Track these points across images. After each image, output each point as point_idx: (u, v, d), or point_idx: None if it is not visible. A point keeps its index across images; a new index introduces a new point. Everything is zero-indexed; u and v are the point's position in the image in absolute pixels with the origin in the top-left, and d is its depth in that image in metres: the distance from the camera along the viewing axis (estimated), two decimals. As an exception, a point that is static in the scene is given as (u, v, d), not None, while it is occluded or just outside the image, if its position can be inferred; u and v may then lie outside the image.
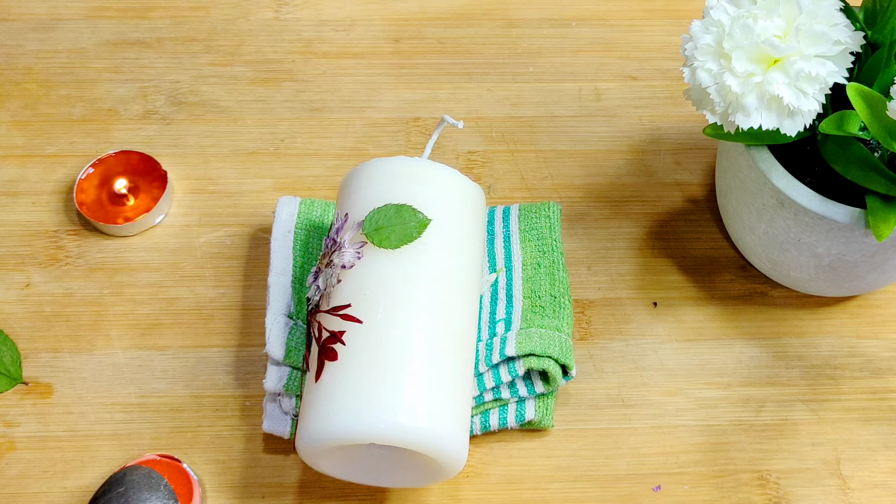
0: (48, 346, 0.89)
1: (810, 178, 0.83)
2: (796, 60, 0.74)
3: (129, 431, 0.86)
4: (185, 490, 0.81)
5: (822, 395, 0.89)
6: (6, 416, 0.86)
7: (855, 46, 0.76)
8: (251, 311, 0.91)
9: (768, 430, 0.87)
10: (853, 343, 0.91)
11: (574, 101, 1.02)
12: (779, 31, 0.75)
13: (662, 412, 0.88)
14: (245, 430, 0.86)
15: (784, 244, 0.85)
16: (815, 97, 0.75)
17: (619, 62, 1.05)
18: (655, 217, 0.96)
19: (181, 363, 0.88)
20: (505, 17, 1.07)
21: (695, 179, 0.98)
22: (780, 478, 0.85)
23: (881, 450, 0.87)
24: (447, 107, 1.02)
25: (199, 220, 0.95)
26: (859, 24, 0.78)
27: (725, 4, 0.77)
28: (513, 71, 1.04)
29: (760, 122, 0.75)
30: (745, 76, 0.75)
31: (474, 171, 0.98)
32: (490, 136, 1.00)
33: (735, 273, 0.94)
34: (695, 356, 0.90)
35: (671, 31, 1.06)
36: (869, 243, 0.81)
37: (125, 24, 1.05)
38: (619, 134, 1.01)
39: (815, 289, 0.90)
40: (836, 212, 0.80)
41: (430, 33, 1.06)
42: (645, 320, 0.92)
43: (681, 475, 0.85)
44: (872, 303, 0.93)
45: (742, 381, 0.89)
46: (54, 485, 0.83)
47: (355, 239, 0.80)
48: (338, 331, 0.77)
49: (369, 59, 1.04)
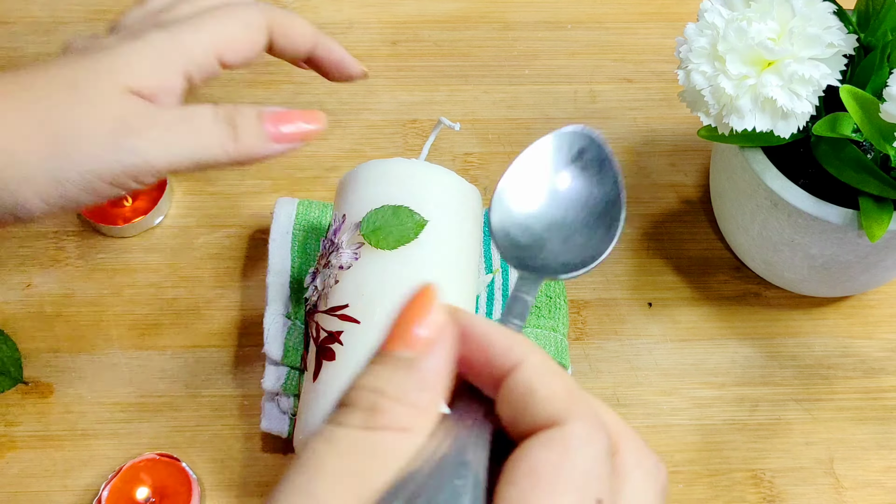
0: (48, 346, 0.89)
1: (804, 179, 0.83)
2: (790, 63, 0.75)
3: (129, 430, 0.86)
4: (183, 489, 0.82)
5: (816, 395, 0.89)
6: (7, 416, 0.86)
7: (848, 49, 0.76)
8: (249, 312, 0.91)
9: (762, 430, 0.88)
10: (846, 343, 0.91)
11: (570, 104, 1.03)
12: (772, 34, 0.75)
13: (657, 411, 0.88)
14: (243, 429, 0.86)
15: (778, 245, 0.85)
16: (809, 99, 0.76)
17: (614, 65, 1.05)
18: (650, 218, 0.97)
19: (180, 363, 0.89)
20: (501, 20, 1.08)
21: (689, 181, 0.99)
22: (774, 477, 0.86)
23: (874, 449, 0.87)
24: (444, 109, 1.02)
25: (198, 221, 0.95)
26: (852, 26, 0.79)
27: (720, 7, 0.77)
28: (509, 73, 1.05)
29: (754, 123, 0.76)
30: (740, 78, 0.75)
31: (471, 172, 0.98)
32: (486, 137, 1.01)
33: (729, 273, 0.94)
34: (689, 356, 0.91)
35: (666, 33, 1.07)
36: (862, 244, 0.82)
37: (125, 27, 1.05)
38: (614, 136, 1.01)
39: (808, 289, 0.90)
40: (829, 213, 0.80)
41: (426, 36, 1.06)
42: (640, 320, 0.92)
43: (675, 474, 0.86)
44: (865, 303, 0.93)
45: (736, 381, 0.90)
46: (55, 483, 0.84)
47: (353, 240, 0.80)
48: (335, 331, 0.78)
49: (367, 61, 1.04)
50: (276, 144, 0.71)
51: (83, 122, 0.66)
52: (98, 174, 0.66)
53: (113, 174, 0.66)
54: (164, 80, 0.69)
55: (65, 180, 0.66)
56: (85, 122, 0.66)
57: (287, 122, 0.71)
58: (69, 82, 0.67)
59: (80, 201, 0.67)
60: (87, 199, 0.67)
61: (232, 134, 0.69)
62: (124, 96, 0.67)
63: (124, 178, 0.67)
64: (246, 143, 0.69)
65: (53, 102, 0.66)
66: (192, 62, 0.70)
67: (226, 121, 0.69)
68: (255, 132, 0.70)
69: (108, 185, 0.67)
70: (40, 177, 0.65)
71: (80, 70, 0.67)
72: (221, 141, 0.69)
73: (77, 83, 0.67)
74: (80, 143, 0.66)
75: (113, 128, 0.66)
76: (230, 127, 0.69)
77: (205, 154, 0.68)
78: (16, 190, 0.65)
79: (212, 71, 0.72)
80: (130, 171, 0.67)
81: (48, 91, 0.66)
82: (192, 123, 0.68)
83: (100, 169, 0.66)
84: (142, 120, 0.67)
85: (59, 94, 0.66)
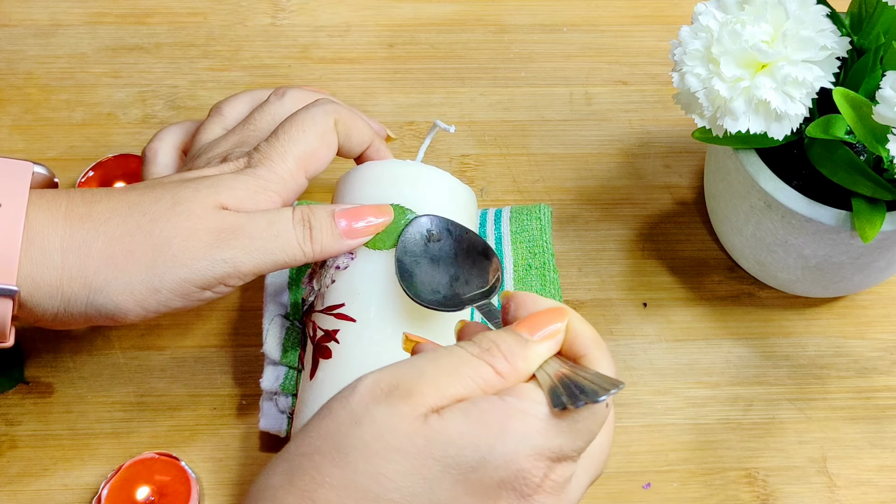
0: (49, 346, 0.89)
1: (797, 180, 0.84)
2: (783, 65, 0.75)
3: (129, 430, 0.86)
4: (182, 487, 0.82)
5: (809, 395, 0.90)
6: (8, 415, 0.86)
7: (841, 51, 0.77)
8: (248, 312, 0.92)
9: (756, 429, 0.88)
10: (839, 343, 0.92)
11: (565, 106, 1.03)
12: (766, 37, 0.75)
13: (652, 411, 0.89)
14: (242, 428, 0.87)
15: (771, 246, 0.86)
16: (802, 101, 0.76)
17: (609, 67, 1.06)
18: (645, 219, 0.97)
19: (179, 363, 0.89)
20: (497, 22, 1.08)
21: (684, 182, 0.99)
22: (768, 475, 0.86)
23: (867, 448, 0.88)
24: (441, 111, 1.02)
25: (197, 222, 0.96)
26: (845, 29, 0.79)
27: (714, 10, 0.77)
28: (505, 76, 1.05)
29: (748, 125, 0.76)
30: (734, 81, 0.76)
31: (467, 174, 0.99)
32: (483, 139, 1.01)
33: (723, 274, 0.95)
34: (684, 356, 0.91)
35: (661, 36, 1.07)
36: (855, 245, 0.82)
37: (124, 30, 1.05)
38: (609, 138, 1.01)
39: (802, 290, 0.91)
40: (822, 214, 0.81)
41: (423, 39, 1.07)
42: (635, 321, 0.92)
43: (670, 473, 0.86)
44: (858, 303, 0.94)
45: (730, 381, 0.90)
46: (55, 482, 0.84)
47: (349, 241, 0.81)
48: (332, 329, 0.78)
49: (364, 64, 1.05)
50: (349, 241, 0.78)
51: (180, 235, 0.74)
52: (193, 282, 0.74)
53: (206, 281, 0.74)
54: (258, 206, 0.77)
55: (162, 288, 0.73)
56: (182, 234, 0.74)
57: (358, 218, 0.78)
58: (171, 203, 0.75)
59: (173, 306, 0.75)
60: (180, 303, 0.75)
61: (309, 235, 0.77)
62: (218, 211, 0.75)
63: (215, 284, 0.75)
64: (321, 243, 0.77)
65: (155, 218, 0.74)
66: (286, 188, 0.79)
67: (302, 223, 0.77)
68: (329, 232, 0.78)
69: (201, 290, 0.75)
70: (140, 285, 0.73)
71: (182, 192, 0.75)
72: (300, 243, 0.77)
73: (179, 203, 0.75)
74: (177, 254, 0.73)
75: (207, 240, 0.74)
76: (307, 229, 0.77)
77: (285, 257, 0.76)
78: (117, 298, 0.73)
79: (300, 189, 0.81)
80: (221, 278, 0.75)
81: (152, 210, 0.74)
82: (274, 228, 0.76)
83: (194, 278, 0.74)
84: (232, 230, 0.75)
85: (161, 212, 0.74)
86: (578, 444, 0.60)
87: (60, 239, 0.73)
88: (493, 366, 0.61)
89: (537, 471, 0.59)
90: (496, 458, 0.58)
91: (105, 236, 0.73)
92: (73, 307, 0.73)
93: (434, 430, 0.58)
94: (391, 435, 0.58)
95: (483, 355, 0.61)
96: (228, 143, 0.85)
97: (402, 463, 0.58)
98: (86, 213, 0.74)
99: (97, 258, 0.73)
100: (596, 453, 0.64)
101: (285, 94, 0.88)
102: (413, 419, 0.58)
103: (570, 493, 0.62)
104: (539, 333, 0.62)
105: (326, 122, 0.82)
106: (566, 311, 0.63)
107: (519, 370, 0.61)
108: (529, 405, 0.59)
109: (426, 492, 0.58)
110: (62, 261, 0.72)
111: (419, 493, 0.58)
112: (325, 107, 0.82)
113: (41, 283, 0.72)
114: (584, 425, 0.60)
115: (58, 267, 0.72)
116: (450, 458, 0.58)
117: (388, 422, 0.58)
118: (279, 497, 0.59)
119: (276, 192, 0.78)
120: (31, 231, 0.72)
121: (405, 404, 0.58)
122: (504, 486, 0.58)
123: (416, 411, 0.58)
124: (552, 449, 0.59)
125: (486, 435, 0.58)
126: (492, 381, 0.60)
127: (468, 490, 0.58)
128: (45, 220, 0.73)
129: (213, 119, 0.89)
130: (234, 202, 0.76)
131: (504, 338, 0.62)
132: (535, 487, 0.59)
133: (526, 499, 0.59)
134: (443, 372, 0.60)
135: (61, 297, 0.73)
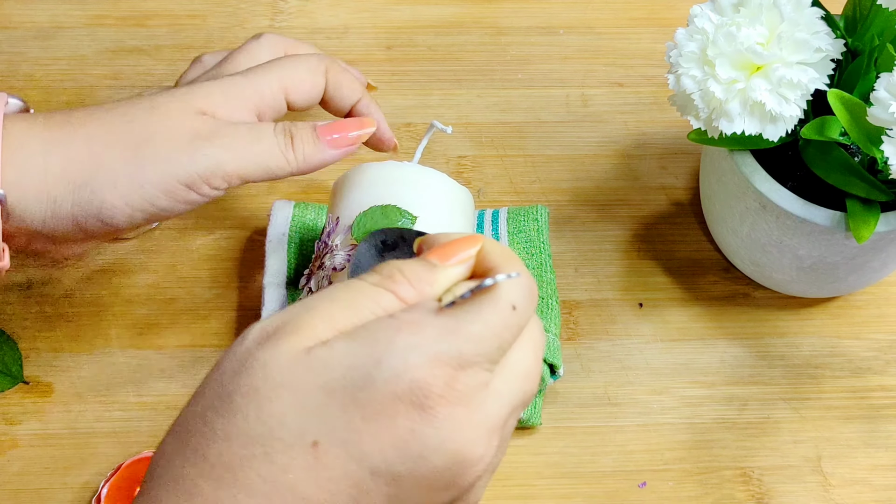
0: (49, 345, 0.90)
1: (792, 182, 0.84)
2: (778, 67, 0.75)
3: (128, 429, 0.87)
4: (182, 487, 0.82)
5: (804, 394, 0.90)
6: (8, 415, 0.87)
7: (836, 54, 0.77)
8: (247, 312, 0.92)
9: (751, 428, 0.89)
10: (834, 343, 0.92)
11: (562, 107, 1.04)
12: (761, 39, 0.76)
13: (648, 410, 0.89)
14: (241, 427, 0.87)
15: (766, 246, 0.86)
16: (797, 103, 0.76)
17: (605, 69, 1.06)
18: (641, 220, 0.98)
19: (178, 362, 0.90)
20: (494, 25, 1.08)
21: (679, 183, 0.99)
22: (763, 474, 0.87)
23: (861, 447, 0.88)
24: (438, 112, 1.03)
25: (196, 223, 0.96)
26: (840, 31, 0.79)
27: (709, 13, 0.78)
28: (502, 77, 1.05)
29: (743, 127, 0.77)
30: (729, 83, 0.76)
31: (464, 175, 0.99)
32: (480, 141, 1.01)
33: (719, 275, 0.95)
34: (679, 356, 0.91)
35: (656, 38, 1.07)
36: (849, 245, 0.83)
37: (124, 32, 1.06)
38: (605, 139, 1.02)
39: (796, 290, 0.91)
40: (817, 215, 0.81)
41: (421, 41, 1.07)
42: (631, 321, 0.93)
43: (666, 472, 0.87)
44: (853, 304, 0.94)
45: (725, 381, 0.90)
46: (55, 481, 0.85)
47: (346, 242, 0.81)
48: (330, 329, 0.79)
49: (362, 65, 1.05)
50: (331, 150, 0.79)
51: (160, 133, 0.75)
52: (175, 176, 0.74)
53: (188, 176, 0.75)
54: (234, 111, 0.78)
55: (145, 181, 0.74)
56: (162, 132, 0.75)
57: (339, 130, 0.80)
58: (148, 105, 0.76)
59: (159, 205, 0.75)
60: (166, 202, 0.75)
61: (290, 143, 0.78)
62: (197, 115, 0.76)
63: (199, 182, 0.75)
64: (303, 151, 0.78)
65: (134, 118, 0.75)
66: (263, 100, 0.80)
67: (284, 132, 0.78)
68: (311, 141, 0.79)
69: (185, 187, 0.75)
70: (123, 178, 0.74)
71: (159, 97, 0.77)
72: (282, 150, 0.77)
73: (156, 106, 0.76)
74: (158, 149, 0.74)
75: (187, 138, 0.75)
76: (288, 137, 0.78)
77: (268, 162, 0.77)
78: (102, 193, 0.74)
79: (279, 109, 0.81)
80: (204, 174, 0.75)
81: (130, 112, 0.76)
82: (255, 133, 0.77)
83: (176, 171, 0.74)
84: (212, 131, 0.76)
85: (139, 113, 0.76)
86: (482, 348, 0.56)
87: (41, 142, 0.74)
88: (395, 292, 0.57)
89: (436, 380, 0.54)
90: (384, 372, 0.54)
91: (85, 136, 0.74)
92: (60, 209, 0.74)
93: (317, 357, 0.54)
94: (276, 372, 0.54)
95: (384, 282, 0.57)
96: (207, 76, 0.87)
97: (287, 398, 0.54)
98: (63, 119, 0.75)
99: (79, 155, 0.74)
100: (519, 368, 0.58)
101: (262, 36, 0.90)
102: (297, 353, 0.55)
103: (487, 405, 0.56)
104: (451, 260, 0.59)
105: (318, 64, 0.83)
106: (480, 238, 0.60)
107: (425, 294, 0.57)
108: (421, 315, 0.56)
109: (316, 424, 0.54)
110: (44, 161, 0.73)
111: (308, 426, 0.54)
112: (319, 55, 0.84)
113: (27, 186, 0.73)
114: (484, 326, 0.56)
115: (41, 168, 0.73)
116: (334, 381, 0.54)
117: (273, 361, 0.55)
118: (176, 463, 0.56)
119: (253, 101, 0.79)
120: (10, 139, 0.73)
121: (290, 340, 0.55)
122: (400, 400, 0.54)
123: (301, 345, 0.55)
124: (450, 354, 0.55)
125: (372, 351, 0.54)
126: (394, 309, 0.57)
127: (363, 414, 0.54)
128: (23, 127, 0.74)
129: (194, 66, 0.93)
130: (211, 107, 0.77)
131: (409, 264, 0.58)
132: (438, 398, 0.54)
133: (427, 411, 0.54)
134: (338, 306, 0.56)
135: (47, 198, 0.73)
